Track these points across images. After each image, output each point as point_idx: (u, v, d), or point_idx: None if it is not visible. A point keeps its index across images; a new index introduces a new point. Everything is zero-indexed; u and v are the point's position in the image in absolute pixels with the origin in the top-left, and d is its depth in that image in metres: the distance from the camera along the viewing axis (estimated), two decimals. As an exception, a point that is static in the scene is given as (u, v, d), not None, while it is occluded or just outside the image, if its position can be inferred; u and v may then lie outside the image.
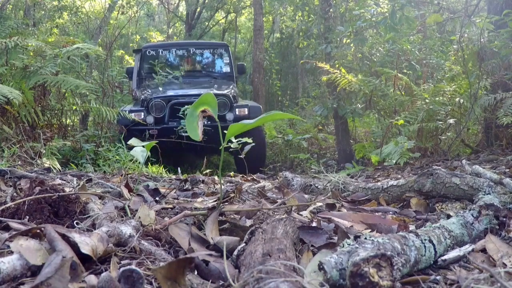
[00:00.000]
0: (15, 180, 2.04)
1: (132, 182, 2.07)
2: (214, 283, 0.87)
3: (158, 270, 0.78)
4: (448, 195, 1.75)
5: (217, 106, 1.20)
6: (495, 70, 4.98)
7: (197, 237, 1.17)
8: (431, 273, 0.94)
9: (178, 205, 1.62)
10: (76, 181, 2.22)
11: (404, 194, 1.88)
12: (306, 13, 10.12)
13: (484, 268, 0.86)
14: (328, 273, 0.79)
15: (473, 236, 1.16)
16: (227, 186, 2.44)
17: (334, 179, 2.21)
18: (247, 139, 2.90)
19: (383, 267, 0.75)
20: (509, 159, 3.64)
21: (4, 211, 1.21)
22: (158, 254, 0.99)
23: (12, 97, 3.66)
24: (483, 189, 1.66)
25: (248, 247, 0.95)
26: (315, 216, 1.53)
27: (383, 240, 0.86)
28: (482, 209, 1.27)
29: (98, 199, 1.60)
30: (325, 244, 1.11)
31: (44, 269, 0.75)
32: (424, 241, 0.95)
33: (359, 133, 8.06)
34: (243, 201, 1.75)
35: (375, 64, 6.33)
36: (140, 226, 1.14)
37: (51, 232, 0.88)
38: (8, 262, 0.79)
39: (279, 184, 2.39)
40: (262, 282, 0.69)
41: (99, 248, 0.91)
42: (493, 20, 4.55)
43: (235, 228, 1.23)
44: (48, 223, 1.17)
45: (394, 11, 5.40)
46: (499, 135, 4.76)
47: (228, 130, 1.22)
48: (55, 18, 12.49)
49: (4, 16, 8.20)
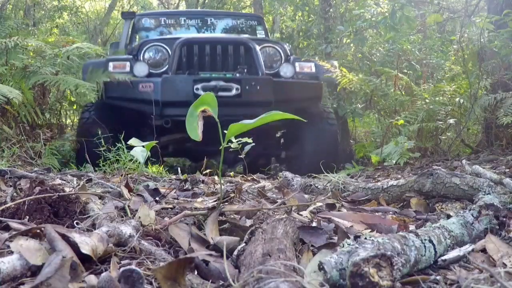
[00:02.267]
0: (15, 180, 2.04)
1: (132, 182, 2.07)
2: (214, 283, 0.87)
3: (158, 270, 0.78)
4: (448, 195, 1.75)
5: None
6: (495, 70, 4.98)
7: (197, 237, 1.17)
8: (431, 273, 0.94)
9: (178, 205, 1.62)
10: (76, 181, 2.22)
11: (404, 194, 1.87)
12: (306, 13, 10.11)
13: (484, 268, 0.86)
14: (328, 273, 0.79)
15: (473, 236, 1.16)
16: (227, 186, 2.44)
17: (334, 179, 2.21)
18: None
19: (383, 267, 0.75)
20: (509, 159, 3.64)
21: (4, 211, 1.21)
22: (158, 254, 0.99)
23: (12, 96, 3.66)
24: (483, 189, 1.66)
25: (248, 247, 0.95)
26: (315, 216, 1.53)
27: (383, 240, 0.86)
28: (482, 209, 1.27)
29: (98, 199, 1.60)
30: (325, 244, 1.11)
31: (44, 269, 0.75)
32: (424, 241, 0.95)
33: (359, 133, 8.06)
34: (243, 201, 1.75)
35: (375, 64, 6.33)
36: (140, 226, 1.14)
37: (51, 232, 0.88)
38: (8, 262, 0.79)
39: (279, 184, 2.39)
40: (262, 282, 0.69)
41: (99, 248, 0.91)
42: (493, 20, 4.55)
43: (235, 228, 1.23)
44: (48, 223, 1.16)
45: (394, 11, 5.40)
46: (499, 135, 4.76)
47: (228, 130, 1.21)
48: (55, 18, 12.48)
49: (4, 16, 8.20)
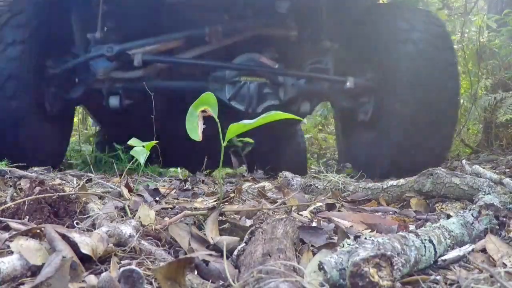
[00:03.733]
0: (15, 180, 2.04)
1: (132, 182, 2.07)
2: (214, 283, 0.87)
3: (158, 270, 0.78)
4: (448, 195, 1.75)
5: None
6: (495, 70, 4.98)
7: (197, 237, 1.17)
8: (431, 273, 0.94)
9: (178, 205, 1.62)
10: (76, 181, 2.22)
11: (404, 194, 1.88)
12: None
13: (484, 268, 0.86)
14: (328, 273, 0.79)
15: (473, 236, 1.16)
16: (227, 186, 2.44)
17: (334, 179, 2.21)
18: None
19: (383, 267, 0.75)
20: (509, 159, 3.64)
21: (4, 211, 1.21)
22: (158, 254, 0.99)
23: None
24: (483, 189, 1.66)
25: (248, 247, 0.95)
26: (315, 216, 1.53)
27: (383, 240, 0.86)
28: (482, 209, 1.27)
29: (98, 199, 1.60)
30: (325, 244, 1.11)
31: (44, 269, 0.75)
32: (424, 241, 0.95)
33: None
34: (243, 201, 1.75)
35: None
36: (140, 226, 1.14)
37: (51, 232, 0.88)
38: (8, 262, 0.79)
39: (279, 184, 2.40)
40: (262, 282, 0.69)
41: (99, 248, 0.91)
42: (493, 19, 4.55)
43: (235, 228, 1.23)
44: (48, 223, 1.17)
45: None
46: (499, 135, 4.77)
47: (228, 130, 1.22)
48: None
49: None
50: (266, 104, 3.37)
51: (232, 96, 3.33)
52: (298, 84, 3.49)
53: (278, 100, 3.41)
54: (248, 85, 3.30)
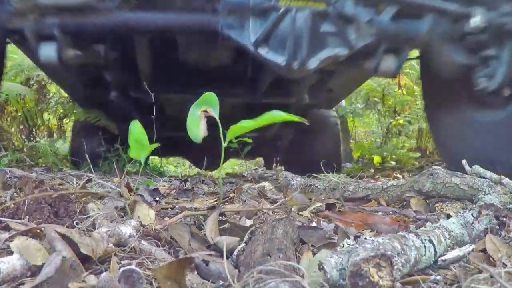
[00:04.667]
0: (15, 180, 2.04)
1: (132, 182, 2.07)
2: (214, 283, 0.87)
3: (158, 270, 0.78)
4: (448, 195, 1.75)
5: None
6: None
7: (197, 237, 1.17)
8: (431, 273, 0.94)
9: (178, 205, 1.62)
10: (76, 181, 2.22)
11: (404, 194, 1.88)
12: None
13: (484, 268, 0.86)
14: (328, 273, 0.79)
15: (473, 236, 1.16)
16: (227, 186, 2.44)
17: (334, 179, 2.21)
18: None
19: (383, 267, 0.75)
20: (509, 159, 3.63)
21: (4, 211, 1.21)
22: (158, 254, 0.99)
23: (24, 94, 3.69)
24: (483, 189, 1.66)
25: (248, 247, 0.95)
26: (315, 216, 1.53)
27: (383, 240, 0.86)
28: (482, 209, 1.27)
29: (98, 199, 1.60)
30: (325, 244, 1.11)
31: (44, 269, 0.75)
32: (424, 241, 0.95)
33: (359, 133, 8.06)
34: (243, 201, 1.75)
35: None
36: (140, 226, 1.14)
37: (51, 232, 0.88)
38: (8, 262, 0.79)
39: (279, 184, 2.40)
40: (262, 282, 0.69)
41: (99, 248, 0.91)
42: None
43: (235, 228, 1.23)
44: (48, 223, 1.17)
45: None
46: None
47: (228, 131, 1.21)
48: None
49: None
50: (324, 54, 1.95)
51: (261, 38, 1.91)
52: (380, 21, 2.01)
53: (348, 47, 1.97)
54: (293, 15, 1.85)
